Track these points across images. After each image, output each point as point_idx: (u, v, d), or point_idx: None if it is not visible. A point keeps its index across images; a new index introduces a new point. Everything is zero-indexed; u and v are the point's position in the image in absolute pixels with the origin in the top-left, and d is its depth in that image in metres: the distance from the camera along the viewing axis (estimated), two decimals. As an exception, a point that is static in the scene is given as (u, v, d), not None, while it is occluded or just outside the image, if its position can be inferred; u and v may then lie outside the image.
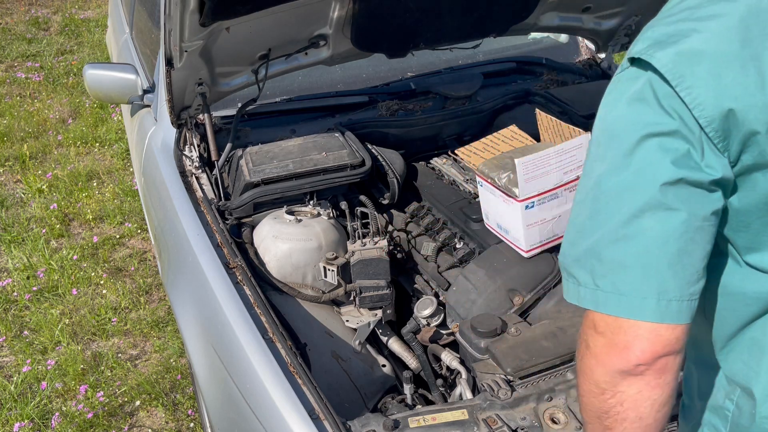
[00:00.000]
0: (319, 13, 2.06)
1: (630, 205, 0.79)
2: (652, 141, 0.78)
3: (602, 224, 0.81)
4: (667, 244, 0.78)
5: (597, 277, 0.81)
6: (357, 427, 1.32)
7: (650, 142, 0.78)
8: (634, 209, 0.78)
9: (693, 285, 0.80)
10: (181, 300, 1.84)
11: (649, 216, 0.78)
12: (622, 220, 0.79)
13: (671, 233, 0.77)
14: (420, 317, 1.74)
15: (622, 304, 0.79)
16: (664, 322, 0.78)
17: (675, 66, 0.78)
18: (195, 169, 2.14)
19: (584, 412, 0.92)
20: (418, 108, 2.48)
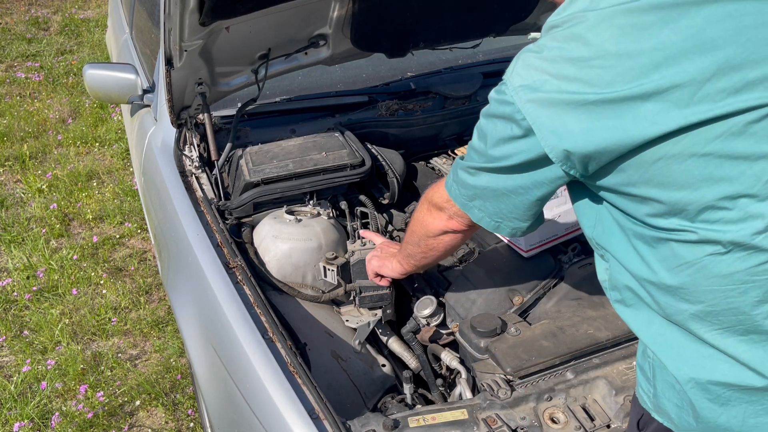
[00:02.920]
0: (318, 12, 2.06)
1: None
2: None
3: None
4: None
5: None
6: (357, 426, 1.32)
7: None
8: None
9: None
10: (181, 300, 1.84)
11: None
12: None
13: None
14: (420, 317, 1.74)
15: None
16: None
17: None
18: (195, 168, 2.14)
19: (411, 235, 1.46)
20: (418, 108, 2.48)
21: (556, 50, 0.94)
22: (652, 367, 1.09)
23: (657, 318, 1.05)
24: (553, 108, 0.94)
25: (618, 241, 1.07)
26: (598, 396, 1.41)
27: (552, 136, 0.96)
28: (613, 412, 1.37)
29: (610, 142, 0.92)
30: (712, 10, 0.87)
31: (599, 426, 1.35)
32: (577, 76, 0.92)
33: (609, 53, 0.89)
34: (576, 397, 1.40)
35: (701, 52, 0.86)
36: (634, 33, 0.89)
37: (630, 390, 1.39)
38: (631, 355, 1.49)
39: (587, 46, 0.91)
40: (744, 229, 0.91)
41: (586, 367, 1.47)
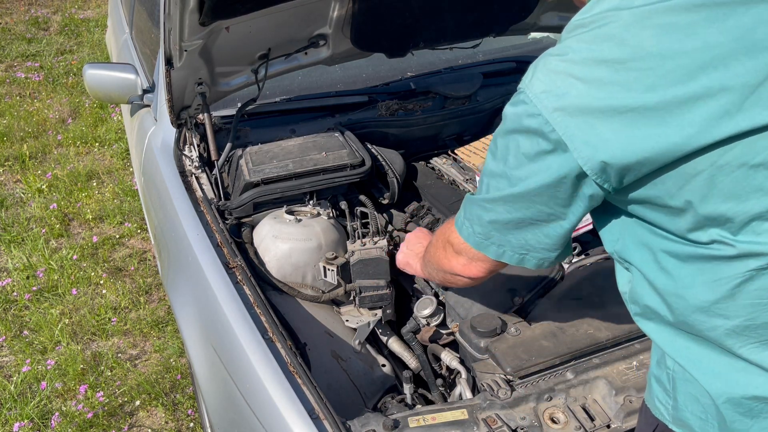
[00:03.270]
0: (318, 12, 2.06)
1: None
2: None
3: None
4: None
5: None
6: (357, 426, 1.32)
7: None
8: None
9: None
10: (181, 300, 1.84)
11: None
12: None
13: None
14: (420, 317, 1.74)
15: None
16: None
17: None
18: (195, 168, 2.14)
19: (430, 262, 1.34)
20: (418, 108, 2.48)
21: (584, 52, 0.86)
22: (672, 379, 1.04)
23: (682, 332, 1.01)
24: (586, 115, 0.86)
25: (644, 256, 1.00)
26: (598, 396, 1.41)
27: (586, 147, 0.87)
28: (613, 412, 1.36)
29: (653, 152, 0.84)
30: (761, 10, 0.82)
31: (599, 426, 1.35)
32: (611, 79, 0.84)
33: (649, 54, 0.83)
34: (576, 397, 1.40)
35: (752, 53, 0.81)
36: (676, 32, 0.82)
37: (630, 390, 1.39)
38: (631, 355, 1.49)
39: (622, 47, 0.84)
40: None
41: (586, 367, 1.47)
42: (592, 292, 1.67)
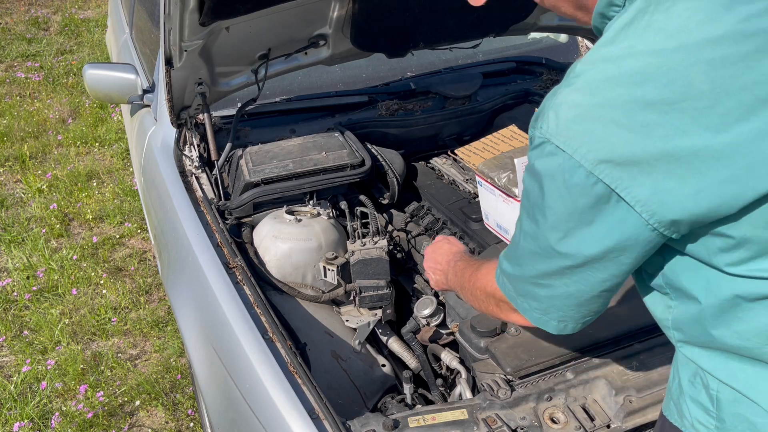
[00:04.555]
0: (318, 12, 2.06)
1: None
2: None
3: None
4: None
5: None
6: (357, 426, 1.32)
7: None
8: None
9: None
10: (181, 300, 1.84)
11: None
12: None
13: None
14: (420, 317, 1.74)
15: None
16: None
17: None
18: (195, 168, 2.14)
19: (471, 297, 1.24)
20: (418, 108, 2.48)
21: (624, 95, 0.77)
22: (717, 400, 0.97)
23: (735, 355, 0.94)
24: (642, 166, 0.77)
25: (698, 282, 0.92)
26: (598, 396, 1.41)
27: (651, 201, 0.78)
28: (613, 412, 1.36)
29: (724, 198, 0.77)
30: None
31: (599, 426, 1.35)
32: (662, 122, 0.76)
33: (701, 92, 0.75)
34: (576, 397, 1.40)
35: None
36: (727, 66, 0.75)
37: (630, 390, 1.39)
38: (631, 355, 1.49)
39: (670, 87, 0.75)
40: None
41: (586, 367, 1.46)
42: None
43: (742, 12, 0.76)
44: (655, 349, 1.48)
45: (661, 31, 0.78)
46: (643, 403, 1.36)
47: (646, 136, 0.76)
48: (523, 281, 0.97)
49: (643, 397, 1.37)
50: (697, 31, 0.76)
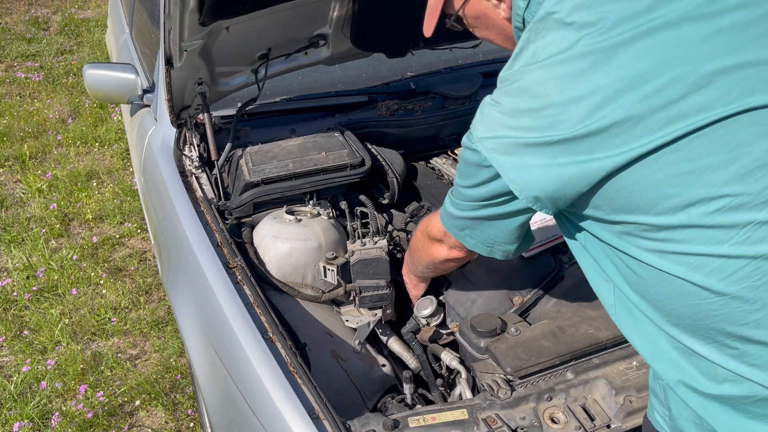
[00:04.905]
0: (318, 12, 2.06)
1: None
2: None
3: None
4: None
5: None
6: (357, 426, 1.32)
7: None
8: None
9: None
10: (181, 300, 1.84)
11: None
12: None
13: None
14: (420, 317, 1.74)
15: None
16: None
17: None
18: (195, 168, 2.14)
19: (416, 262, 1.63)
20: (418, 108, 2.48)
21: (510, 104, 1.02)
22: (663, 388, 1.10)
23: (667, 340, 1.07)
24: (515, 154, 1.02)
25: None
26: (598, 396, 1.41)
27: (519, 182, 1.03)
28: (613, 412, 1.36)
29: (568, 179, 0.99)
30: (636, 48, 0.92)
31: (599, 426, 1.35)
32: (532, 125, 0.99)
33: (555, 102, 0.96)
34: (576, 397, 1.40)
35: (632, 88, 0.91)
36: (572, 80, 0.95)
37: (630, 390, 1.39)
38: (631, 355, 1.49)
39: (536, 98, 0.98)
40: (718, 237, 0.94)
41: (586, 367, 1.47)
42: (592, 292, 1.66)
43: (585, 36, 0.95)
44: (655, 349, 1.48)
45: (535, 54, 1.00)
46: (643, 403, 1.36)
47: (521, 133, 1.00)
48: (449, 202, 1.28)
49: (643, 397, 1.37)
50: (554, 53, 0.97)
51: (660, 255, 0.98)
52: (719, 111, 0.89)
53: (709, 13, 0.92)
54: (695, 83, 0.90)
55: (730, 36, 0.91)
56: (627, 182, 0.95)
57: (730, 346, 0.96)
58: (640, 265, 1.01)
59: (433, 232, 1.45)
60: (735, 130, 0.89)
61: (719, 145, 0.90)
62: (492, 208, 1.15)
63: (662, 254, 0.97)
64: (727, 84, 0.89)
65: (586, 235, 1.12)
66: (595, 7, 0.96)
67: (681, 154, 0.91)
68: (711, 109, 0.89)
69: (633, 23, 0.93)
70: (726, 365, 0.97)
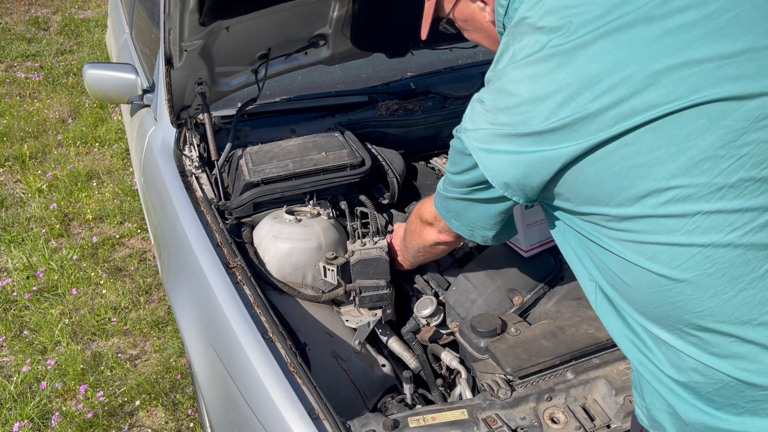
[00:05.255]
0: (318, 12, 2.06)
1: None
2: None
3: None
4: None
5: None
6: (357, 426, 1.32)
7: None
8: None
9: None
10: (181, 300, 1.84)
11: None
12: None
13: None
14: (420, 317, 1.74)
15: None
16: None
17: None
18: (195, 168, 2.14)
19: (408, 245, 1.71)
20: (418, 108, 2.48)
21: (490, 102, 1.09)
22: (638, 380, 1.14)
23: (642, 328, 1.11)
24: (491, 144, 1.09)
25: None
26: (598, 396, 1.41)
27: (492, 168, 1.10)
28: (613, 412, 1.37)
29: (532, 166, 1.05)
30: (594, 49, 0.98)
31: (599, 426, 1.35)
32: (507, 121, 1.06)
33: (525, 100, 1.03)
34: (576, 397, 1.40)
35: (589, 86, 0.98)
36: (540, 80, 1.02)
37: (630, 390, 1.39)
38: (631, 355, 1.49)
39: (510, 97, 1.05)
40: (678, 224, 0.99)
41: (586, 367, 1.47)
42: (592, 292, 1.67)
43: (552, 39, 1.02)
44: (655, 349, 1.48)
45: (512, 57, 1.07)
46: (643, 403, 1.36)
47: (499, 128, 1.07)
48: (440, 185, 1.35)
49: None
50: (527, 55, 1.04)
51: (622, 244, 1.03)
52: (666, 107, 0.94)
53: (660, 14, 0.97)
54: (644, 81, 0.95)
55: (677, 36, 0.96)
56: (588, 175, 1.01)
57: (690, 333, 1.00)
58: (607, 254, 1.07)
59: (425, 215, 1.54)
60: (681, 125, 0.94)
61: (667, 139, 0.95)
62: (473, 193, 1.23)
63: (624, 243, 1.03)
64: (674, 81, 0.94)
65: (564, 226, 1.18)
66: (561, 12, 1.03)
67: (633, 147, 0.97)
68: (659, 106, 0.94)
69: (593, 26, 0.99)
70: (689, 353, 1.01)
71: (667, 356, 1.05)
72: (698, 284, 0.97)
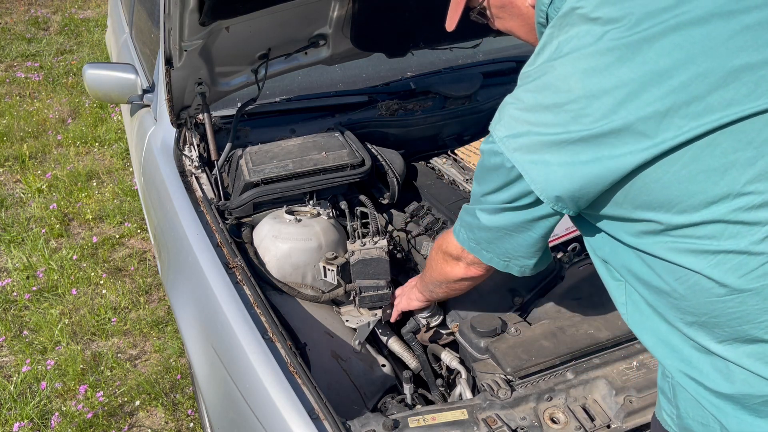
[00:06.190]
0: (318, 12, 2.06)
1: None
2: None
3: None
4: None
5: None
6: (357, 427, 1.32)
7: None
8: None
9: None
10: (181, 300, 1.84)
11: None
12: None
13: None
14: (420, 317, 1.74)
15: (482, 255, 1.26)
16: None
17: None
18: (195, 168, 2.14)
19: (431, 279, 1.52)
20: (418, 108, 2.48)
21: (531, 100, 1.01)
22: (672, 387, 1.09)
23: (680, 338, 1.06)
24: (538, 152, 1.00)
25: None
26: (598, 396, 1.41)
27: (540, 180, 1.01)
28: (613, 412, 1.36)
29: (591, 177, 0.97)
30: (663, 44, 0.92)
31: (599, 426, 1.35)
32: (554, 121, 0.98)
33: (578, 97, 0.96)
34: (576, 397, 1.40)
35: (657, 83, 0.91)
36: (596, 75, 0.95)
37: (630, 390, 1.39)
38: (631, 355, 1.49)
39: (558, 93, 0.97)
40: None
41: (586, 367, 1.47)
42: (592, 292, 1.67)
43: (610, 31, 0.95)
44: (655, 349, 1.48)
45: (557, 50, 1.00)
46: (643, 403, 1.37)
47: (543, 130, 0.99)
48: (466, 213, 1.25)
49: (643, 397, 1.37)
50: (578, 48, 0.97)
51: (680, 251, 0.97)
52: (746, 107, 0.89)
53: (736, 9, 0.91)
54: (722, 79, 0.89)
55: (757, 33, 0.91)
56: (650, 179, 0.94)
57: (746, 344, 0.96)
58: (658, 262, 1.00)
59: (450, 248, 1.36)
60: (761, 127, 0.89)
61: (745, 142, 0.89)
62: (513, 212, 1.11)
63: (682, 251, 0.96)
64: (754, 80, 0.89)
65: (600, 233, 1.11)
66: (620, 3, 0.95)
67: (707, 150, 0.90)
68: (738, 105, 0.89)
69: (659, 19, 0.93)
70: (741, 363, 0.97)
71: (715, 366, 1.01)
72: (763, 295, 0.92)
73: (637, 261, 1.05)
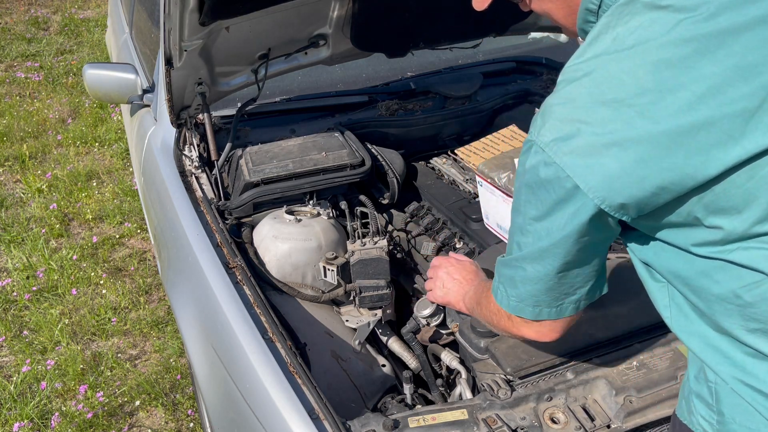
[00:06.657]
0: (318, 12, 2.06)
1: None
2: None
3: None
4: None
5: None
6: (357, 427, 1.32)
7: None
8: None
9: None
10: (181, 300, 1.84)
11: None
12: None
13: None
14: (420, 317, 1.74)
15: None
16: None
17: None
18: (195, 168, 2.14)
19: (481, 316, 1.33)
20: (418, 108, 2.48)
21: (586, 96, 0.90)
22: (715, 393, 1.02)
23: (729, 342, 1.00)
24: (596, 155, 0.88)
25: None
26: (598, 396, 1.41)
27: (601, 187, 0.90)
28: (613, 412, 1.36)
29: (665, 182, 0.87)
30: (749, 38, 0.85)
31: (599, 426, 1.35)
32: (614, 117, 0.88)
33: (647, 90, 0.86)
34: (576, 397, 1.40)
35: (745, 79, 0.84)
36: (670, 68, 0.86)
37: (630, 390, 1.39)
38: (631, 355, 1.49)
39: (622, 87, 0.88)
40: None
41: (586, 367, 1.46)
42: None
43: (684, 20, 0.87)
44: (655, 350, 1.48)
45: (616, 41, 0.90)
46: (643, 403, 1.36)
47: (601, 129, 0.88)
48: (504, 266, 1.10)
49: (643, 397, 1.37)
50: (646, 38, 0.88)
51: (754, 259, 0.89)
52: None
53: None
54: None
55: None
56: (732, 184, 0.86)
57: None
58: (720, 270, 0.93)
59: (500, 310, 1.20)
60: None
61: None
62: (566, 248, 0.97)
63: (757, 258, 0.89)
64: None
65: (643, 236, 1.02)
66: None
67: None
68: None
69: (742, 10, 0.86)
70: None
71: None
72: None
73: (689, 267, 0.96)
